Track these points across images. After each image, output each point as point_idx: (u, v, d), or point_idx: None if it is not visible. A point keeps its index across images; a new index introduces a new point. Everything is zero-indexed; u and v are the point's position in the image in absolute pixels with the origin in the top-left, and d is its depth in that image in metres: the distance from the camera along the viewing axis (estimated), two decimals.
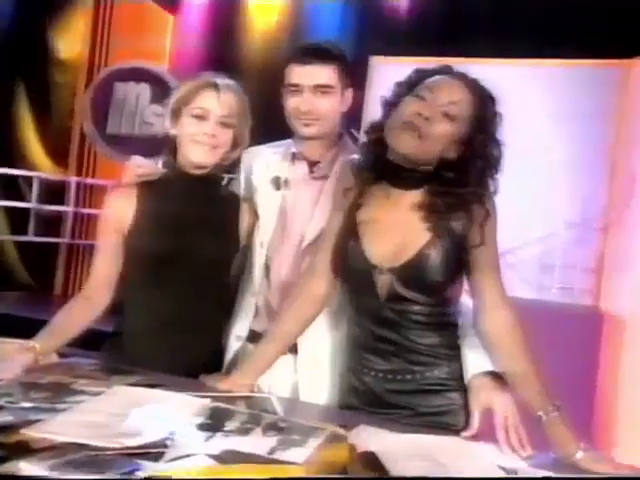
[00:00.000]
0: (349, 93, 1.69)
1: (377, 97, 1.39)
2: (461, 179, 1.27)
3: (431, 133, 1.24)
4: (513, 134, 1.30)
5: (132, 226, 1.59)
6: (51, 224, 4.47)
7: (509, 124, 1.30)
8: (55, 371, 1.29)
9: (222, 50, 4.52)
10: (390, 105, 1.33)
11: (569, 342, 2.99)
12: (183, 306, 1.59)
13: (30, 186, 4.39)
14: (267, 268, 1.67)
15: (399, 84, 1.34)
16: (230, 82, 1.64)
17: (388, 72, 3.55)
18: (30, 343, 1.36)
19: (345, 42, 3.63)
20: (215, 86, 1.61)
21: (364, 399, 1.31)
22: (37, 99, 5.01)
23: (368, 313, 1.33)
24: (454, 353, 1.32)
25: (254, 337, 1.60)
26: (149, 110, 4.44)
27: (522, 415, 1.21)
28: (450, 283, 1.31)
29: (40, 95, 5.00)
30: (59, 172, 4.77)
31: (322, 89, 1.62)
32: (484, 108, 1.26)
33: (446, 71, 1.31)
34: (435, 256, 1.27)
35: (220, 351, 1.66)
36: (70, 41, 5.07)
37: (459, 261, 1.29)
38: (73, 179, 4.49)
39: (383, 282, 1.30)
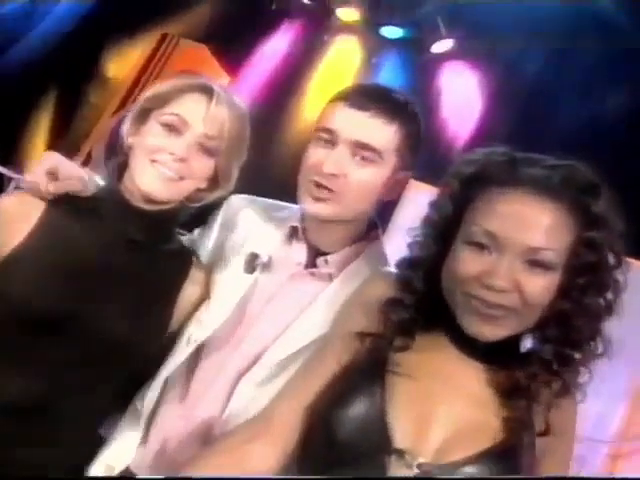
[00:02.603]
0: (404, 178, 1.16)
1: (402, 224, 0.95)
2: (560, 352, 0.82)
3: (524, 303, 0.82)
4: None
5: (15, 254, 1.09)
6: None
7: None
8: None
9: (265, 129, 4.25)
10: (431, 243, 0.90)
11: None
12: (49, 393, 1.06)
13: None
14: (186, 381, 1.12)
15: (436, 211, 0.91)
16: (231, 95, 1.18)
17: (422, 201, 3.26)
18: None
19: None
20: (207, 91, 1.14)
21: None
22: (62, 110, 4.76)
23: None
24: None
25: None
26: None
27: None
28: None
29: (67, 108, 4.76)
30: None
31: (366, 152, 1.09)
32: (591, 239, 0.82)
33: (512, 175, 0.84)
34: (508, 465, 0.78)
35: None
36: (120, 67, 4.92)
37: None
38: None
39: None
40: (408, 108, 1.16)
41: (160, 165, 1.12)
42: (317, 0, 4.51)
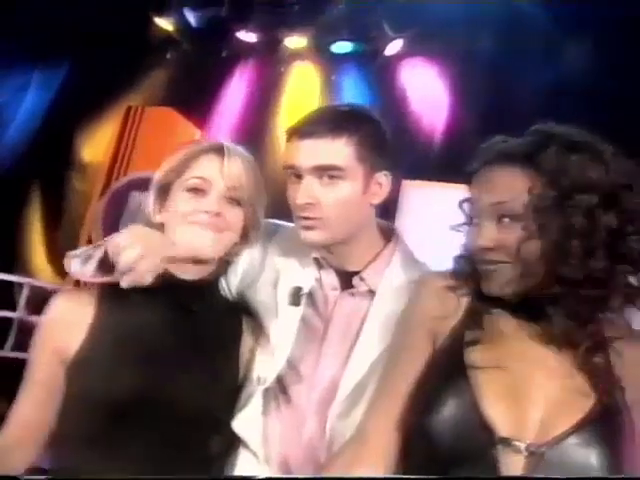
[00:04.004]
0: (381, 179, 1.20)
1: (407, 225, 1.02)
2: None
3: (515, 258, 0.90)
4: None
5: (82, 351, 1.14)
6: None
7: None
8: None
9: None
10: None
11: None
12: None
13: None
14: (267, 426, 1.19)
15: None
16: (238, 148, 1.25)
17: (420, 197, 3.33)
18: None
19: None
20: (218, 150, 1.22)
21: None
22: (50, 204, 4.83)
23: None
24: None
25: None
26: None
27: None
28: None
29: (54, 200, 4.82)
30: (57, 281, 4.43)
31: (328, 172, 1.15)
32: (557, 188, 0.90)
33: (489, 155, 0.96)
34: (609, 426, 0.81)
35: None
36: (94, 148, 4.99)
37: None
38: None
39: (516, 468, 0.81)
40: (351, 115, 1.21)
41: (198, 226, 1.19)
42: (264, 36, 4.60)
